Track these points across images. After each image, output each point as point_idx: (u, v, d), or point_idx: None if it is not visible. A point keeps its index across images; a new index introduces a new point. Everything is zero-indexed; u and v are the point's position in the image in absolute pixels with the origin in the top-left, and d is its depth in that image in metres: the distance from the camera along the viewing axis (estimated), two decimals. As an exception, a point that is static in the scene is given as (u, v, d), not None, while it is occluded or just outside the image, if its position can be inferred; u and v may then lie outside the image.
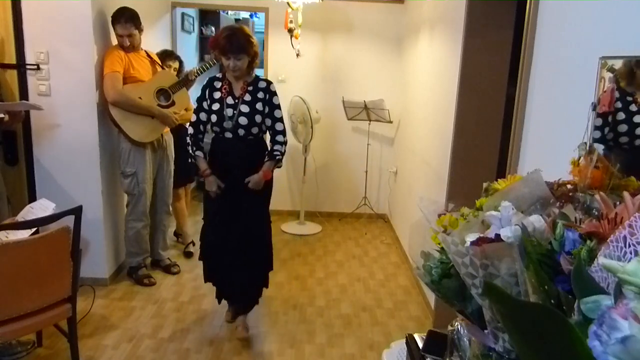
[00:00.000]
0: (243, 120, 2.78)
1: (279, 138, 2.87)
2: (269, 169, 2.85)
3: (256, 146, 2.89)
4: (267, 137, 2.96)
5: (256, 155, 2.87)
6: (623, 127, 1.28)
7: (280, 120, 2.89)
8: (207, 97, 2.85)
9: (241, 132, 2.81)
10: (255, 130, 2.83)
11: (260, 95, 2.83)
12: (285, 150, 2.90)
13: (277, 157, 2.86)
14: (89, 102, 3.25)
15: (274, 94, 2.87)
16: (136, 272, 3.57)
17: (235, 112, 2.79)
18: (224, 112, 2.79)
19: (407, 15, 4.80)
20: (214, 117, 2.81)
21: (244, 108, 2.79)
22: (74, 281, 2.37)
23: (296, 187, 5.29)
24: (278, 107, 2.88)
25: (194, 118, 2.88)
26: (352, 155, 5.24)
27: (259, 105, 2.82)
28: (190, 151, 2.87)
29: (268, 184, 2.92)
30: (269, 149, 2.89)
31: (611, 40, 1.47)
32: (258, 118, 2.81)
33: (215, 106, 2.81)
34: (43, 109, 3.03)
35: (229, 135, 2.82)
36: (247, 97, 2.81)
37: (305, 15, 4.44)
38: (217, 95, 2.83)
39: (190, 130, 2.88)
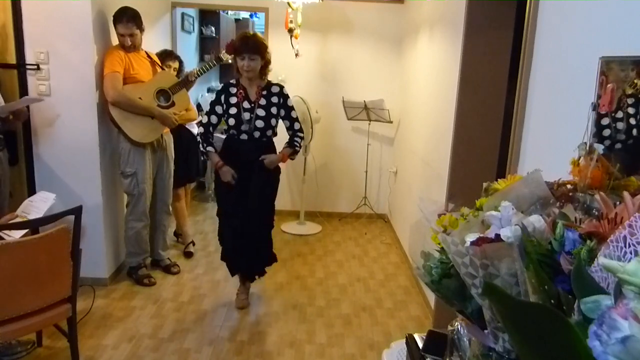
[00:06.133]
0: (260, 124, 2.99)
1: (299, 134, 3.13)
2: (286, 154, 3.10)
3: (267, 146, 3.09)
4: (276, 139, 3.18)
5: (266, 153, 3.07)
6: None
7: (297, 119, 3.14)
8: (222, 102, 3.02)
9: (257, 134, 3.01)
10: (269, 132, 3.06)
11: (275, 99, 3.04)
12: (302, 145, 3.17)
13: (297, 148, 3.12)
14: (89, 102, 3.25)
15: (287, 96, 3.10)
16: (136, 272, 3.57)
17: (252, 115, 2.98)
18: (242, 116, 2.97)
19: (407, 15, 4.80)
20: (231, 121, 3.00)
21: (261, 112, 2.99)
22: (74, 281, 2.37)
23: (296, 187, 5.29)
24: (293, 108, 3.13)
25: (205, 119, 3.06)
26: (352, 155, 5.24)
27: (273, 109, 3.04)
28: (202, 148, 3.07)
29: (276, 172, 3.14)
30: (289, 139, 3.13)
31: (611, 40, 1.47)
32: (273, 121, 3.04)
33: (233, 110, 2.99)
34: (43, 100, 3.10)
35: (244, 137, 3.02)
36: (263, 102, 3.02)
37: (305, 15, 4.44)
38: (233, 100, 3.01)
39: (201, 130, 3.06)
